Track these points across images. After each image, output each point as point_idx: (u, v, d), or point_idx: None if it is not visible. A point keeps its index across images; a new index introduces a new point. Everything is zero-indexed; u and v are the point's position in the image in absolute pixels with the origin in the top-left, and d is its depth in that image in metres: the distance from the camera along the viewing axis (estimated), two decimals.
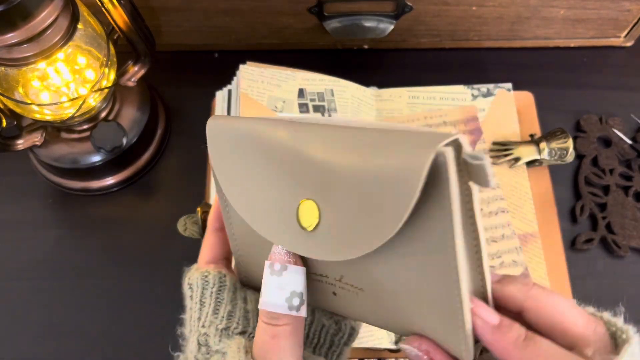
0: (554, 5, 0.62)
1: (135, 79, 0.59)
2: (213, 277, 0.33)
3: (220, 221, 0.35)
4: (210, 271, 0.33)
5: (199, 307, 0.32)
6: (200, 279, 0.33)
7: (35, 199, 0.62)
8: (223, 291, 0.32)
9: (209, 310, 0.32)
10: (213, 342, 0.31)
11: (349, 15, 0.61)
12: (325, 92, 0.61)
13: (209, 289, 0.32)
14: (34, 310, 0.56)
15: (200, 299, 0.32)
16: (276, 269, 0.29)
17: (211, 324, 0.31)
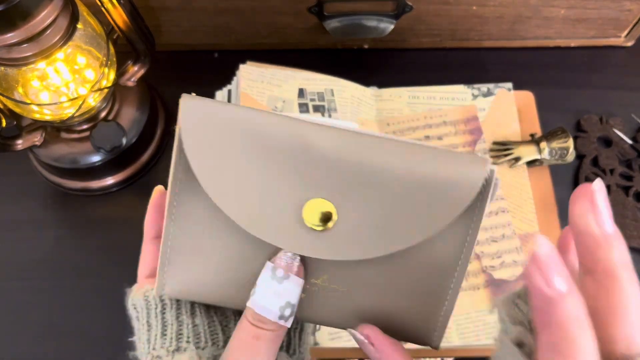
0: (554, 5, 0.62)
1: (135, 78, 0.59)
2: (154, 298, 0.32)
3: (157, 228, 0.34)
4: (150, 291, 0.32)
5: (147, 329, 0.32)
6: (142, 300, 0.32)
7: (35, 199, 0.62)
8: (166, 310, 0.32)
9: (157, 333, 0.32)
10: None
11: (349, 15, 0.61)
12: (325, 92, 0.61)
13: (152, 311, 0.32)
14: (34, 310, 0.56)
15: (147, 320, 0.32)
16: (279, 275, 0.28)
17: (162, 347, 0.31)
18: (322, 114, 0.60)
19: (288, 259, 0.28)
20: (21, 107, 0.53)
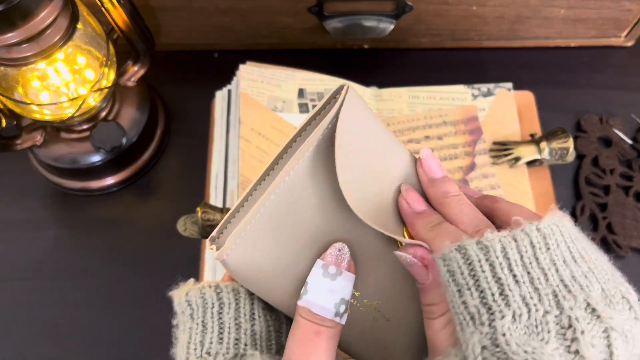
0: (554, 5, 0.62)
1: (135, 78, 0.59)
2: (210, 296, 0.31)
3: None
4: (206, 288, 0.31)
5: (202, 329, 0.31)
6: (199, 297, 0.31)
7: (34, 199, 0.62)
8: (224, 312, 0.31)
9: (212, 336, 0.30)
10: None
11: (349, 15, 0.61)
12: (325, 92, 0.61)
13: (209, 310, 0.31)
14: (34, 310, 0.56)
15: (202, 320, 0.31)
16: (331, 272, 0.29)
17: (217, 354, 0.30)
18: None
19: (336, 251, 0.29)
20: (21, 107, 0.53)
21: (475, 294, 0.25)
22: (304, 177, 0.29)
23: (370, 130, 0.30)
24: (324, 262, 0.29)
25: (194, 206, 0.51)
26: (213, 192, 0.58)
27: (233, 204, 0.55)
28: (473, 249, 0.26)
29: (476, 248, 0.26)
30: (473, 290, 0.25)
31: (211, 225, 0.50)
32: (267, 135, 0.57)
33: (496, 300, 0.24)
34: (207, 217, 0.50)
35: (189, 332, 0.31)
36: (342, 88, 0.29)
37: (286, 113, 0.59)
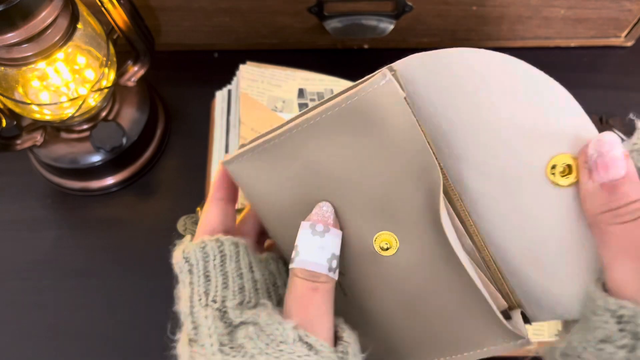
0: (554, 5, 0.62)
1: (135, 78, 0.59)
2: (211, 248, 0.31)
3: (224, 190, 0.34)
4: (207, 241, 0.31)
5: (204, 281, 0.30)
6: (199, 252, 0.31)
7: (34, 199, 0.62)
8: (225, 262, 0.31)
9: (217, 285, 0.30)
10: (233, 316, 0.29)
11: (349, 15, 0.61)
12: (325, 92, 0.61)
13: (210, 262, 0.31)
14: (34, 310, 0.56)
15: (204, 272, 0.31)
16: (318, 230, 0.29)
17: (224, 299, 0.30)
18: None
19: (321, 210, 0.29)
20: (21, 107, 0.53)
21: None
22: (338, 121, 0.28)
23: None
24: (310, 222, 0.29)
25: (194, 206, 0.51)
26: None
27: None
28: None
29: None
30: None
31: None
32: None
33: None
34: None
35: (190, 286, 0.31)
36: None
37: (286, 113, 0.59)
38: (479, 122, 0.28)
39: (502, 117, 0.27)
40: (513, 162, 0.28)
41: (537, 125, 0.27)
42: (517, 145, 0.27)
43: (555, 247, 0.28)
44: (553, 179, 0.27)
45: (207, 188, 0.60)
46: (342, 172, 0.29)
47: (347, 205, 0.30)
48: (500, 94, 0.27)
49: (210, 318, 0.29)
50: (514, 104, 0.27)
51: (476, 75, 0.27)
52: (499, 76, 0.26)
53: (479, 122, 0.28)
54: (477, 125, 0.28)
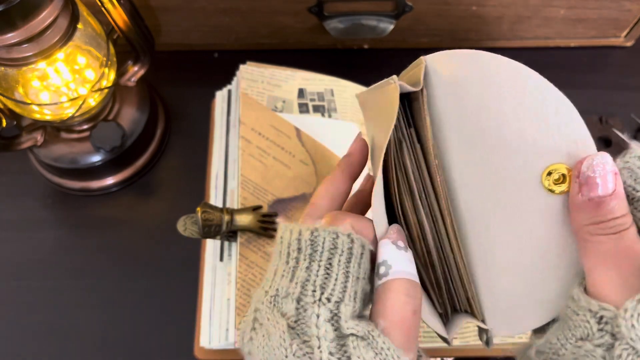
0: (554, 5, 0.62)
1: (135, 78, 0.59)
2: (342, 243, 0.29)
3: (355, 169, 0.34)
4: (340, 234, 0.29)
5: (324, 273, 0.29)
6: (328, 241, 0.29)
7: (34, 199, 0.62)
8: (350, 262, 0.29)
9: (336, 284, 0.28)
10: (345, 325, 0.27)
11: (349, 15, 0.61)
12: (325, 92, 0.61)
13: (336, 257, 0.29)
14: (34, 310, 0.56)
15: (325, 264, 0.29)
16: (400, 246, 0.29)
17: (339, 303, 0.28)
18: (322, 114, 0.60)
19: (397, 230, 0.30)
20: (21, 107, 0.53)
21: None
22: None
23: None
24: (391, 240, 0.29)
25: (194, 206, 0.51)
26: (213, 192, 0.58)
27: (233, 203, 0.55)
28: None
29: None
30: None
31: (211, 225, 0.50)
32: (267, 135, 0.57)
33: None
34: (207, 217, 0.50)
35: (307, 271, 0.29)
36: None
37: (286, 113, 0.59)
38: (485, 122, 0.29)
39: (507, 119, 0.29)
40: (510, 162, 0.29)
41: (540, 133, 0.28)
42: (518, 148, 0.29)
43: (538, 247, 0.30)
44: (547, 185, 0.29)
45: (207, 188, 0.60)
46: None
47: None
48: (507, 97, 0.28)
49: (322, 318, 0.27)
50: (520, 111, 0.28)
51: (488, 79, 0.29)
52: (509, 82, 0.28)
53: (486, 122, 0.29)
54: (483, 124, 0.29)
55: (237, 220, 0.51)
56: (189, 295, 0.56)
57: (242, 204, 0.53)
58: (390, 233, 0.30)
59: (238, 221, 0.51)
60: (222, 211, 0.51)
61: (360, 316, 0.29)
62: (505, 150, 0.29)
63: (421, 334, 0.51)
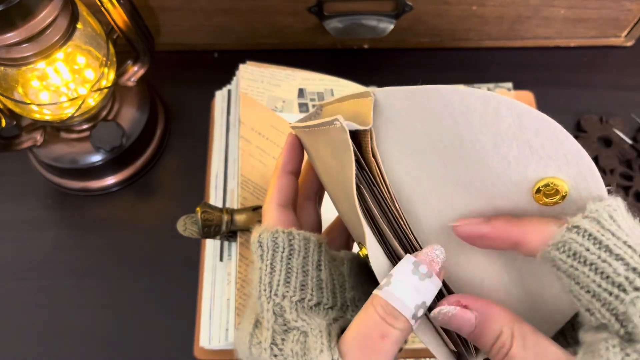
0: (554, 5, 0.62)
1: (135, 78, 0.59)
2: (282, 240, 0.31)
3: (294, 166, 0.35)
4: (279, 232, 0.32)
5: (270, 271, 0.31)
6: (270, 241, 0.31)
7: (34, 199, 0.62)
8: (293, 257, 0.31)
9: (280, 279, 0.30)
10: (290, 316, 0.29)
11: (349, 15, 0.61)
12: (325, 92, 0.61)
13: (279, 253, 0.31)
14: (34, 310, 0.56)
15: (271, 262, 0.31)
16: (422, 271, 0.27)
17: (284, 296, 0.30)
18: None
19: (432, 252, 0.27)
20: (21, 107, 0.53)
21: (616, 263, 0.24)
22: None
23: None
24: (416, 259, 0.27)
25: (194, 206, 0.51)
26: (213, 192, 0.58)
27: (233, 203, 0.55)
28: (586, 223, 0.25)
29: (588, 222, 0.25)
30: (611, 261, 0.24)
31: (210, 225, 0.50)
32: (267, 135, 0.57)
33: (637, 261, 0.24)
34: (207, 217, 0.50)
35: (258, 273, 0.31)
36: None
37: (286, 113, 0.59)
38: (461, 151, 0.28)
39: (486, 148, 0.27)
40: (499, 189, 0.28)
41: (524, 156, 0.27)
42: (504, 175, 0.28)
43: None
44: (537, 197, 0.28)
45: (207, 188, 0.60)
46: (331, 177, 0.31)
47: (339, 205, 0.32)
48: (481, 127, 0.27)
49: (270, 312, 0.29)
50: (499, 139, 0.27)
51: (454, 111, 0.27)
52: (478, 112, 0.27)
53: (461, 150, 0.28)
54: (460, 153, 0.28)
55: (237, 220, 0.51)
56: (189, 295, 0.56)
57: (242, 204, 0.53)
58: (422, 253, 0.28)
59: (238, 221, 0.51)
60: (222, 211, 0.51)
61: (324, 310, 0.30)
62: (492, 179, 0.28)
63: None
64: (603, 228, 0.25)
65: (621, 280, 0.23)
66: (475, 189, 0.29)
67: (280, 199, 0.34)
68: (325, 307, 0.31)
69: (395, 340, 0.26)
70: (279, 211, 0.34)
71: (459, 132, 0.27)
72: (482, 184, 0.28)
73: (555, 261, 0.26)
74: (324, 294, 0.31)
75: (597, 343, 0.24)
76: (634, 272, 0.23)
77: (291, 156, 0.35)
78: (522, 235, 0.27)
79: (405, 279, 0.27)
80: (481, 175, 0.28)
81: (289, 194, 0.34)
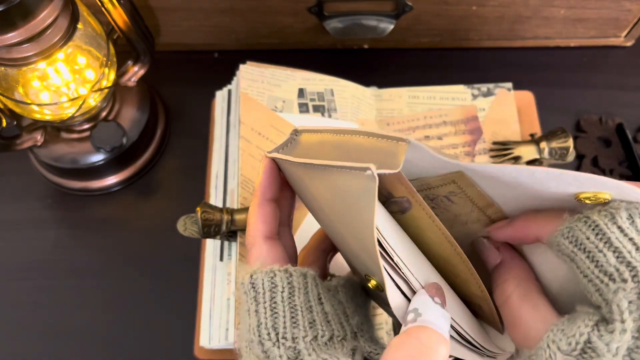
0: (554, 5, 0.62)
1: (135, 78, 0.59)
2: (280, 280, 0.30)
3: (273, 192, 0.33)
4: (276, 272, 0.30)
5: (271, 314, 0.29)
6: (267, 281, 0.30)
7: (35, 199, 0.62)
8: (294, 295, 0.29)
9: (286, 321, 0.29)
10: (310, 358, 0.28)
11: (349, 15, 0.61)
12: (325, 92, 0.61)
13: (278, 294, 0.29)
14: (34, 310, 0.56)
15: (270, 304, 0.29)
16: (437, 302, 0.28)
17: (296, 337, 0.28)
18: (322, 114, 0.60)
19: (437, 287, 0.29)
20: (21, 107, 0.53)
21: (610, 254, 0.26)
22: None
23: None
24: (429, 294, 0.28)
25: (194, 206, 0.51)
26: (213, 192, 0.58)
27: (233, 203, 0.55)
28: (597, 215, 0.27)
29: (601, 215, 0.27)
30: (606, 251, 0.26)
31: (211, 225, 0.50)
32: (267, 135, 0.57)
33: (635, 257, 0.25)
34: (207, 217, 0.50)
35: (256, 315, 0.29)
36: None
37: (286, 113, 0.59)
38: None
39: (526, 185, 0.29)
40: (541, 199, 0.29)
41: (560, 184, 0.28)
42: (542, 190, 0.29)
43: None
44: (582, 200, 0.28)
45: (207, 188, 0.60)
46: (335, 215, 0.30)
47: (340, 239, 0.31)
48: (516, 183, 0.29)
49: (284, 358, 0.28)
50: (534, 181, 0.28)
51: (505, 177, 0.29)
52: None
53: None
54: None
55: (237, 220, 0.51)
56: (189, 295, 0.56)
57: (242, 204, 0.53)
58: (429, 287, 0.28)
59: (238, 221, 0.51)
60: (222, 211, 0.51)
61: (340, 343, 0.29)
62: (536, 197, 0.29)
63: None
64: (614, 223, 0.26)
65: (612, 270, 0.25)
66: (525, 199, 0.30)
67: (265, 231, 0.32)
68: (339, 339, 0.30)
69: (447, 351, 0.27)
70: (269, 245, 0.32)
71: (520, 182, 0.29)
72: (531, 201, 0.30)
73: (559, 245, 0.28)
74: (333, 327, 0.30)
75: (581, 314, 0.26)
76: (624, 265, 0.25)
77: (270, 182, 0.33)
78: (540, 229, 0.29)
79: (432, 306, 0.28)
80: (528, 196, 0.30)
81: (272, 224, 0.32)
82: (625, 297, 0.24)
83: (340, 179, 0.28)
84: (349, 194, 0.28)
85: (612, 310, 0.25)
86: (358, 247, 0.29)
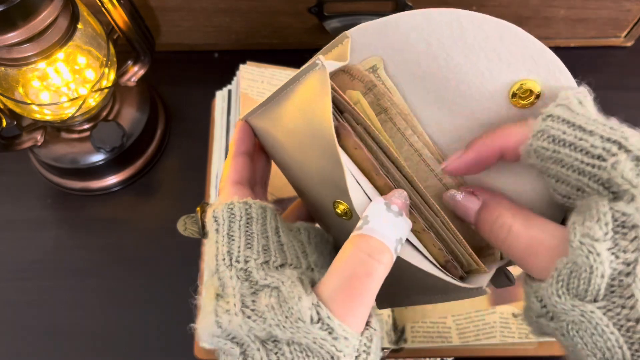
0: (554, 5, 0.62)
1: (135, 78, 0.59)
2: (239, 209, 0.31)
3: (246, 147, 0.34)
4: (235, 203, 0.31)
5: (228, 240, 0.30)
6: (226, 212, 0.31)
7: (35, 199, 0.62)
8: (251, 224, 0.30)
9: (240, 245, 0.30)
10: (258, 276, 0.28)
11: (349, 15, 0.61)
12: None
13: (236, 222, 0.30)
14: (34, 310, 0.56)
15: (227, 232, 0.30)
16: (394, 210, 0.27)
17: (248, 259, 0.29)
18: None
19: (400, 195, 0.28)
20: (21, 107, 0.53)
21: (591, 138, 0.26)
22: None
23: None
24: (386, 201, 0.27)
25: (194, 206, 0.51)
26: (213, 192, 0.58)
27: None
28: (558, 110, 0.27)
29: (560, 109, 0.28)
30: (587, 137, 0.26)
31: None
32: None
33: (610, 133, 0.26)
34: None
35: (215, 245, 0.30)
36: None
37: None
38: (439, 72, 0.30)
39: (459, 64, 0.30)
40: (479, 105, 0.31)
41: (494, 64, 0.29)
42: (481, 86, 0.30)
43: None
44: (514, 102, 0.30)
45: (207, 188, 0.60)
46: (298, 144, 0.31)
47: (307, 174, 0.31)
48: (451, 44, 0.29)
49: (234, 279, 0.28)
50: (468, 52, 0.29)
51: (423, 33, 0.30)
52: (444, 29, 0.29)
53: (438, 72, 0.30)
54: (438, 74, 0.30)
55: None
56: (189, 295, 0.56)
57: None
58: (391, 196, 0.28)
59: None
60: None
61: (291, 265, 0.30)
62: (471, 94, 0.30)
63: (421, 333, 0.52)
64: (574, 112, 0.27)
65: (599, 152, 0.26)
66: (458, 107, 0.31)
67: (235, 177, 0.33)
68: (291, 268, 0.30)
69: (380, 277, 0.26)
70: (235, 188, 0.33)
71: (433, 53, 0.30)
72: (464, 101, 0.30)
73: (538, 150, 0.28)
74: (287, 256, 0.30)
75: (588, 204, 0.26)
76: (608, 142, 0.26)
77: (243, 137, 0.34)
78: (503, 143, 0.29)
79: (382, 215, 0.27)
80: (460, 92, 0.30)
81: (243, 173, 0.34)
82: (625, 166, 0.25)
83: (298, 94, 0.30)
84: (307, 102, 0.29)
85: (618, 183, 0.25)
86: (322, 167, 0.29)
